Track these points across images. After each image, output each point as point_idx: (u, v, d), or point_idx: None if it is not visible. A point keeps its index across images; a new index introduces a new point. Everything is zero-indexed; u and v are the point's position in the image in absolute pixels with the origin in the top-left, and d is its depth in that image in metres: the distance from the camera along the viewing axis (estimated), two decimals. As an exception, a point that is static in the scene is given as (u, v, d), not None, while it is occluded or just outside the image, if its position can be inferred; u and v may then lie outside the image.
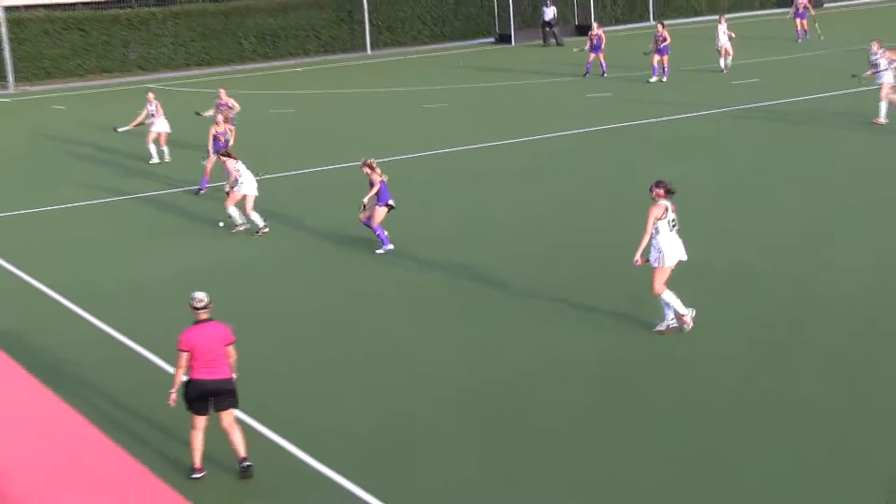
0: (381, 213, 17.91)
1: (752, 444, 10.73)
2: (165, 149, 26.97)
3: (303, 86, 41.05)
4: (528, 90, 36.63)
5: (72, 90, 43.47)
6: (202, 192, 23.09)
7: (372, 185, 17.77)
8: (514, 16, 52.64)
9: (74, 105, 39.24)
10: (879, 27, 42.56)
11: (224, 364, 10.81)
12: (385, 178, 17.93)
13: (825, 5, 59.58)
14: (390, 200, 17.94)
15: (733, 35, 37.10)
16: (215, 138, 22.97)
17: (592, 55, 37.96)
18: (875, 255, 16.51)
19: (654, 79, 35.76)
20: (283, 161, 26.10)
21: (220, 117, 23.80)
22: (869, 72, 26.55)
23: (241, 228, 19.82)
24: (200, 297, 10.88)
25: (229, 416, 10.89)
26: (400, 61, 47.85)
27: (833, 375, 12.28)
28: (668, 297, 13.49)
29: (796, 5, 45.18)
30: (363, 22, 51.20)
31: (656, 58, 35.73)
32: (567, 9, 55.31)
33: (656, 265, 13.43)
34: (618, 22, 56.08)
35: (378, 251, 17.91)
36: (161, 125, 26.87)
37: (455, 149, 26.70)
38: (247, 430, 11.27)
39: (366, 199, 17.92)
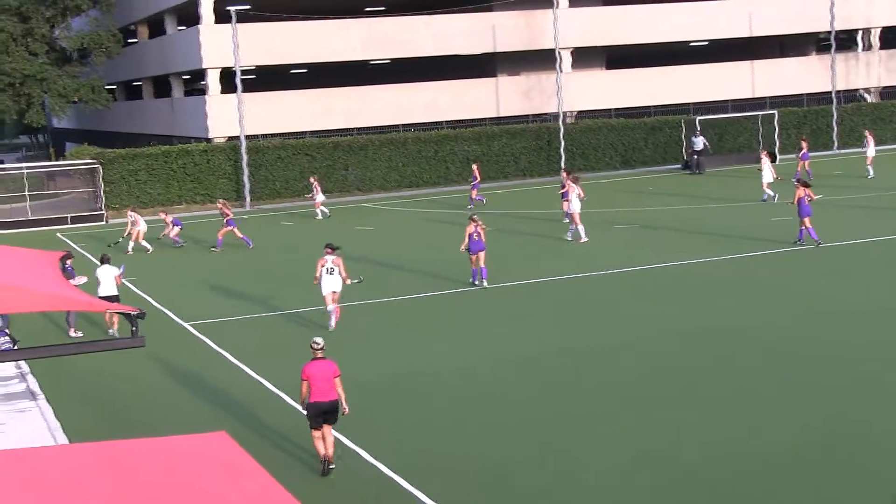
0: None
1: None
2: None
3: (503, 206, 42.64)
4: (714, 214, 37.17)
5: (297, 208, 46.29)
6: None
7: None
8: (701, 144, 53.36)
9: (300, 222, 41.83)
10: None
11: (333, 390, 13.62)
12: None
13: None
14: None
15: None
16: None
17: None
18: None
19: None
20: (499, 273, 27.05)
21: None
22: None
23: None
24: (319, 340, 13.78)
25: (328, 427, 13.74)
26: (593, 185, 48.84)
27: None
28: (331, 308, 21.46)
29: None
30: (559, 149, 52.86)
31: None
32: (753, 138, 55.63)
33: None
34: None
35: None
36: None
37: (641, 266, 27.52)
38: None
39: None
